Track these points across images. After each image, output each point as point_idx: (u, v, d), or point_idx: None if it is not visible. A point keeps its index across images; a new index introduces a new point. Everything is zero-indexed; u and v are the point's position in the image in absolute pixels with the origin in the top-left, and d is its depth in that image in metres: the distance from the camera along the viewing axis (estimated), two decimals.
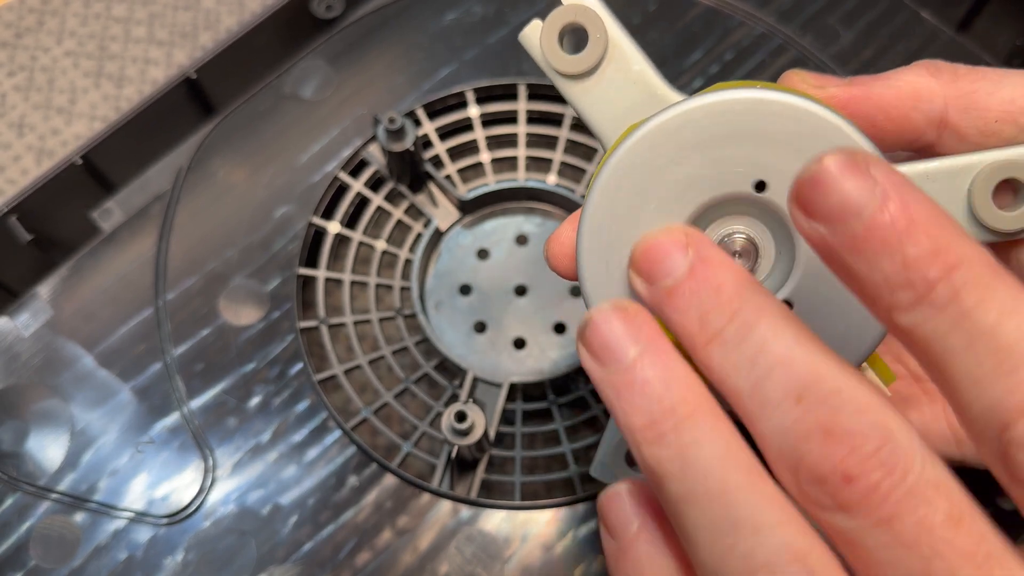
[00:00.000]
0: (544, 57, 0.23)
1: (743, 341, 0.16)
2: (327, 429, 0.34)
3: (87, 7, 0.49)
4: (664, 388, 0.17)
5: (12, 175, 0.45)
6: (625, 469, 0.27)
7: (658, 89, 0.23)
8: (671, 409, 0.17)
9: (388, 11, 0.42)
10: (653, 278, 0.18)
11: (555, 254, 0.24)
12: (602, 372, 0.17)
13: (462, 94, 0.40)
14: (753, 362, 0.16)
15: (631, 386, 0.17)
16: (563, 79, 0.23)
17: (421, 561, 0.32)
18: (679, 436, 0.16)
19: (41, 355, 0.35)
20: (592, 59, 0.23)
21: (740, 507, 0.16)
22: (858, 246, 0.15)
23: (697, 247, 0.18)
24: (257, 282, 0.37)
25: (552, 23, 0.23)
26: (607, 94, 0.23)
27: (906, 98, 0.22)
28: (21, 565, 0.32)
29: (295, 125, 0.39)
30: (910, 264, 0.14)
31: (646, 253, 0.18)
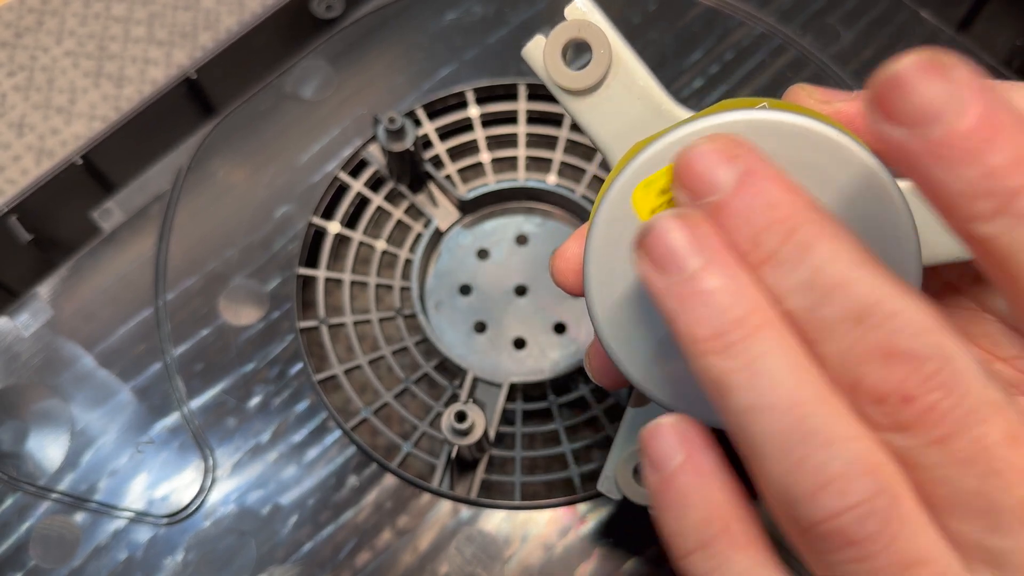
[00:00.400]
0: (547, 73, 0.23)
1: (800, 262, 0.16)
2: (327, 429, 0.34)
3: (87, 7, 0.49)
4: (732, 298, 0.16)
5: (12, 175, 0.45)
6: (633, 485, 0.27)
7: (663, 104, 0.23)
8: (739, 320, 0.16)
9: (388, 11, 0.42)
10: (698, 192, 0.17)
11: (561, 270, 0.24)
12: (664, 281, 0.17)
13: (462, 94, 0.40)
14: (811, 284, 0.16)
15: (696, 295, 0.16)
16: (567, 95, 0.23)
17: (421, 561, 0.32)
18: (748, 347, 0.16)
19: (41, 355, 0.35)
20: (596, 75, 0.23)
21: (812, 419, 0.16)
22: (938, 152, 0.14)
23: (746, 158, 0.17)
24: (257, 282, 0.37)
25: (555, 38, 0.22)
26: (611, 109, 0.23)
27: None
28: (21, 565, 0.32)
29: (295, 125, 0.39)
30: (992, 172, 0.14)
31: (689, 164, 0.17)
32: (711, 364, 0.16)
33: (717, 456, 0.18)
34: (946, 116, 0.14)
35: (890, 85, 0.15)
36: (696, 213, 0.17)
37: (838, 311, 0.16)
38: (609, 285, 0.21)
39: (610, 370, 0.24)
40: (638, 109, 0.23)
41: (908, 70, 0.14)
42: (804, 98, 0.23)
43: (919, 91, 0.14)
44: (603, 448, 0.35)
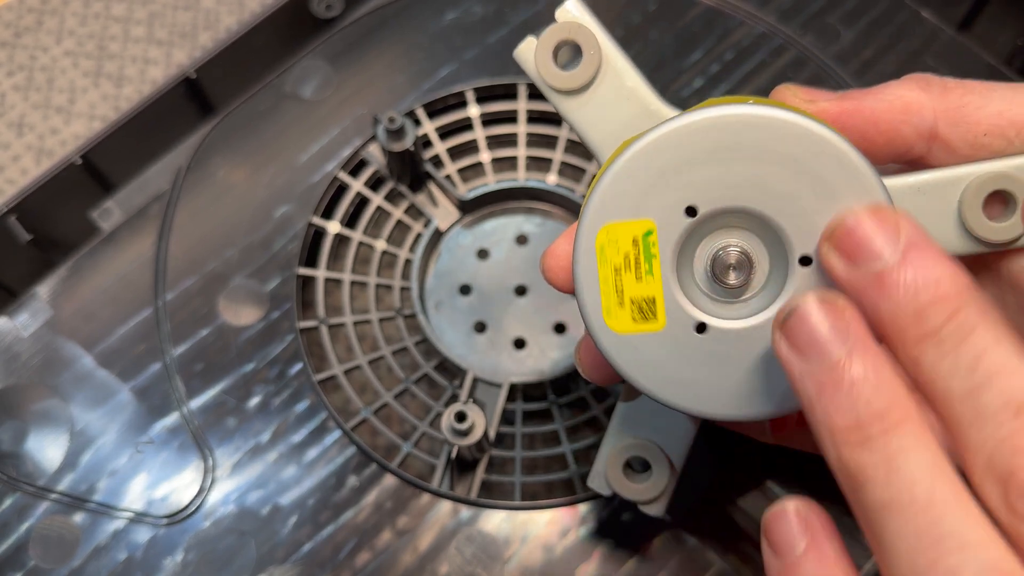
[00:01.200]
0: (538, 73, 0.23)
1: (962, 343, 0.16)
2: (327, 429, 0.34)
3: (86, 7, 0.49)
4: (874, 391, 0.16)
5: (11, 175, 0.45)
6: (623, 480, 0.27)
7: (651, 104, 0.23)
8: (880, 414, 0.16)
9: (388, 11, 0.42)
10: (858, 259, 0.17)
11: (551, 267, 0.24)
12: (805, 366, 0.17)
13: (462, 94, 0.40)
14: (972, 368, 0.16)
15: (838, 385, 0.16)
16: (557, 95, 0.23)
17: (421, 561, 0.32)
18: (887, 442, 0.16)
19: (41, 355, 0.35)
20: (586, 75, 0.23)
21: (947, 521, 0.15)
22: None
23: (909, 231, 0.17)
24: (257, 282, 0.37)
25: (546, 40, 0.23)
26: (601, 109, 0.23)
27: (897, 112, 0.22)
28: (21, 565, 0.32)
29: (295, 125, 0.39)
30: None
31: (852, 231, 0.17)
32: (847, 456, 0.16)
33: (839, 544, 0.18)
34: None
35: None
36: (842, 298, 0.17)
37: (998, 398, 0.15)
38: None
39: (600, 366, 0.24)
40: (628, 109, 0.23)
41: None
42: (789, 97, 0.23)
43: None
44: None
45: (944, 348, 0.16)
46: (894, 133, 0.22)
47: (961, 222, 0.22)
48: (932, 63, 0.40)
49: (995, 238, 0.22)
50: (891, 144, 0.23)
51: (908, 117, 0.22)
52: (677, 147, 0.20)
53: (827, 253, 0.18)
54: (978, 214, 0.22)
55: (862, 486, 0.16)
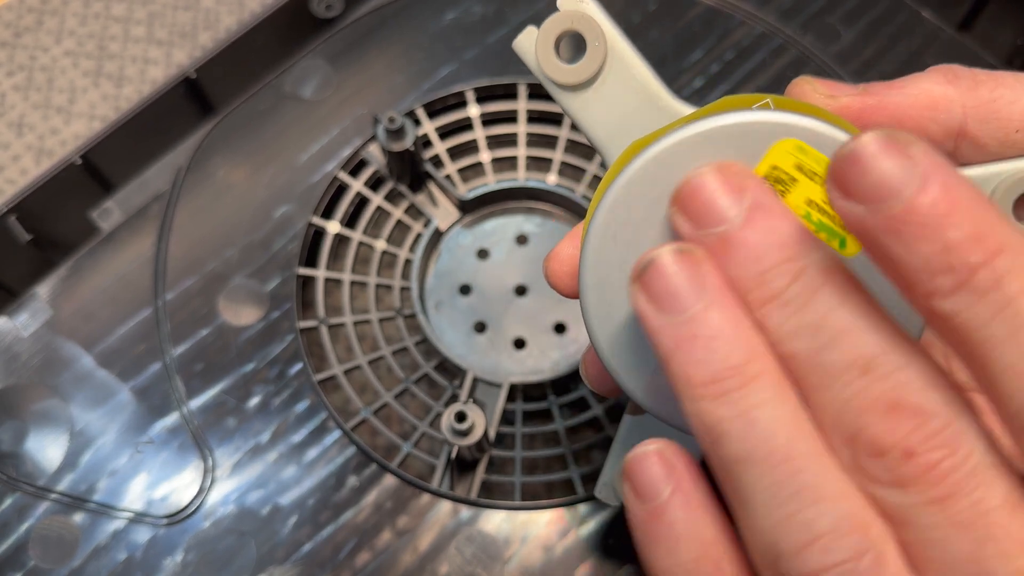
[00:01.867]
0: (539, 67, 0.22)
1: (806, 304, 0.16)
2: (327, 429, 0.34)
3: (86, 7, 0.49)
4: (730, 344, 0.16)
5: (11, 175, 0.45)
6: None
7: (661, 99, 0.22)
8: (737, 367, 0.16)
9: (388, 11, 0.42)
10: (702, 221, 0.16)
11: (555, 272, 0.23)
12: (661, 320, 0.16)
13: (462, 94, 0.40)
14: (817, 328, 0.15)
15: (694, 339, 0.16)
16: (560, 90, 0.22)
17: (421, 562, 0.32)
18: (745, 396, 0.16)
19: (40, 355, 0.35)
20: (591, 68, 0.21)
21: (804, 474, 0.15)
22: (897, 228, 0.14)
23: (755, 191, 0.16)
24: (257, 282, 0.37)
25: (548, 30, 0.21)
26: (607, 104, 0.22)
27: (923, 108, 0.21)
28: (20, 565, 0.32)
29: (295, 125, 0.39)
30: (951, 248, 0.14)
31: (695, 192, 0.17)
32: (704, 410, 0.16)
33: (707, 488, 0.18)
34: (904, 192, 0.14)
35: (848, 162, 0.14)
36: (699, 250, 0.17)
37: (844, 358, 0.15)
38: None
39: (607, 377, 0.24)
40: (635, 104, 0.22)
41: (865, 147, 0.14)
42: (809, 92, 0.22)
43: (876, 167, 0.14)
44: (603, 449, 0.35)
45: (788, 310, 0.16)
46: (920, 131, 0.21)
47: None
48: (932, 63, 0.40)
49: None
50: None
51: (935, 114, 0.21)
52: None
53: (674, 215, 0.17)
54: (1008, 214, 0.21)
55: (719, 440, 0.16)
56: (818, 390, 0.16)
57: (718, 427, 0.16)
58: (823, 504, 0.15)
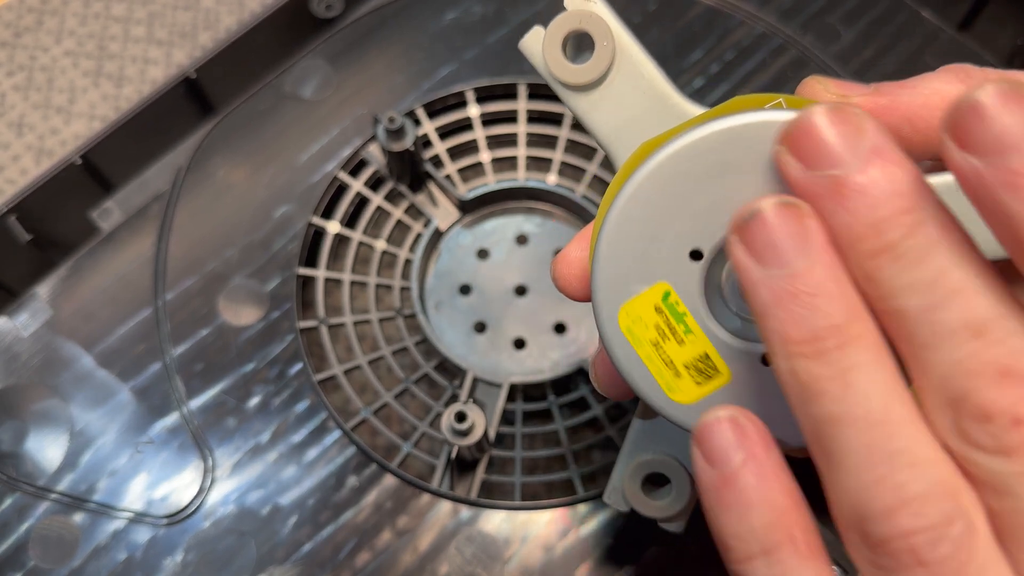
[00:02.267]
0: (547, 67, 0.21)
1: (922, 259, 0.15)
2: (327, 429, 0.34)
3: (86, 7, 0.49)
4: (832, 303, 0.15)
5: (11, 175, 0.45)
6: (641, 497, 0.26)
7: (670, 99, 0.22)
8: (838, 327, 0.15)
9: (388, 11, 0.42)
10: (815, 162, 0.16)
11: (563, 275, 0.23)
12: (760, 273, 0.16)
13: (462, 94, 0.40)
14: (932, 285, 0.15)
15: (795, 296, 0.16)
16: (567, 90, 0.22)
17: (421, 562, 0.32)
18: (843, 357, 0.15)
19: (40, 355, 0.35)
20: (599, 69, 0.21)
21: (899, 438, 0.15)
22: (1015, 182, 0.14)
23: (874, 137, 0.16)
24: (257, 282, 0.37)
25: (555, 30, 0.21)
26: (615, 105, 0.22)
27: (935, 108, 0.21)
28: (20, 565, 0.32)
29: (295, 125, 0.39)
30: None
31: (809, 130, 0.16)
32: (800, 367, 0.16)
33: (779, 456, 0.17)
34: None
35: (968, 113, 0.14)
36: (805, 204, 0.16)
37: (957, 318, 0.15)
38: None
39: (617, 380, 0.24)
40: (644, 105, 0.21)
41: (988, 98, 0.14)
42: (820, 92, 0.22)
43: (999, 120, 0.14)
44: (603, 449, 0.35)
45: (903, 263, 0.15)
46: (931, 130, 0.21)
47: None
48: (932, 63, 0.40)
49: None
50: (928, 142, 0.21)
51: None
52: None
53: (780, 152, 0.16)
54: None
55: (814, 399, 0.16)
56: (926, 349, 0.15)
57: (814, 385, 0.16)
58: (916, 468, 0.15)
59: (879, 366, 0.15)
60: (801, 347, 0.16)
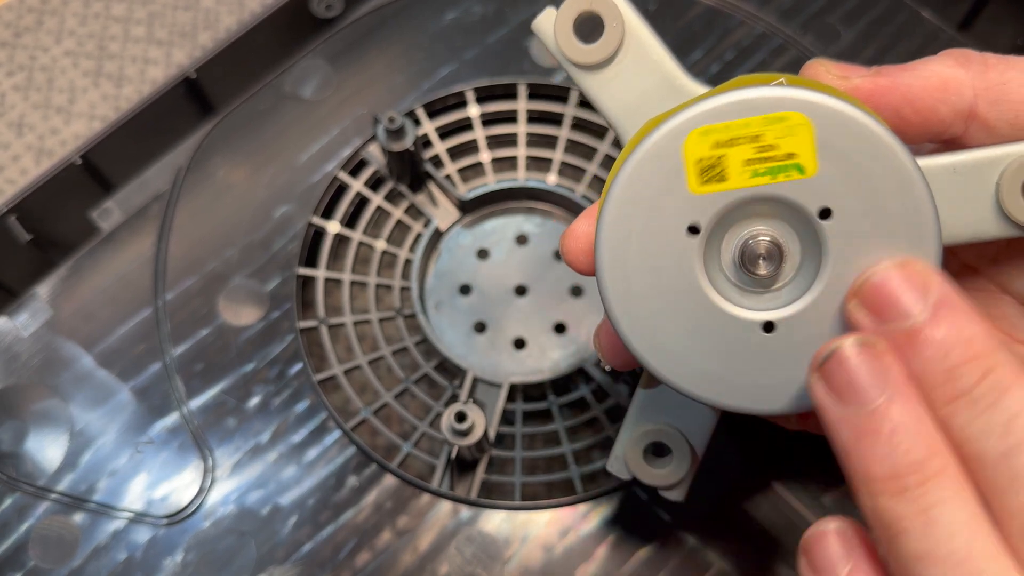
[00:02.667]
0: (558, 47, 0.22)
1: (995, 404, 0.15)
2: (327, 429, 0.34)
3: (86, 7, 0.49)
4: (913, 440, 0.16)
5: (11, 175, 0.45)
6: (643, 465, 0.26)
7: (677, 79, 0.22)
8: (919, 463, 0.16)
9: (387, 11, 0.42)
10: (886, 316, 0.17)
11: (570, 248, 0.23)
12: (841, 411, 0.16)
13: (462, 94, 0.40)
14: (1007, 430, 0.15)
15: (876, 433, 0.16)
16: (578, 70, 0.22)
17: (421, 562, 0.32)
18: (925, 494, 0.16)
19: (40, 355, 0.35)
20: (609, 48, 0.22)
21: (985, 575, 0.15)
22: None
23: (941, 289, 0.16)
24: (257, 282, 0.37)
25: (567, 11, 0.22)
26: (624, 84, 0.22)
27: (934, 90, 0.21)
28: (20, 565, 0.32)
29: (295, 125, 0.39)
30: None
31: (879, 287, 0.17)
32: (884, 506, 0.16)
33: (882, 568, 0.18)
34: None
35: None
36: (881, 342, 0.17)
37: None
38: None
39: (621, 350, 0.24)
40: (652, 84, 0.22)
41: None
42: (823, 73, 0.22)
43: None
44: (604, 448, 0.35)
45: (977, 408, 0.16)
46: (930, 112, 0.22)
47: (999, 205, 0.21)
48: None
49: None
50: (927, 123, 0.22)
51: (946, 95, 0.21)
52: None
53: (854, 309, 0.17)
54: (1017, 197, 0.21)
55: (898, 536, 0.16)
56: (1006, 493, 0.15)
57: (898, 524, 0.16)
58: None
59: (961, 501, 0.16)
60: (883, 484, 0.16)
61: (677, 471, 0.26)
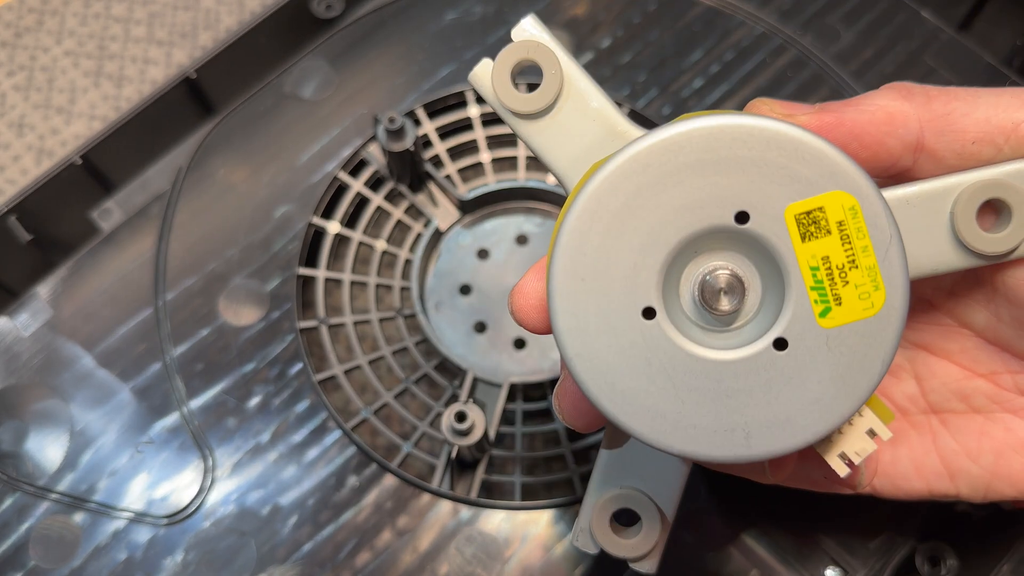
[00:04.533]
0: (496, 96, 0.22)
1: None
2: (327, 429, 0.34)
3: (87, 7, 0.49)
4: None
5: (12, 175, 0.45)
6: (611, 536, 0.25)
7: (618, 125, 0.22)
8: None
9: (388, 11, 0.42)
10: None
11: (520, 307, 0.22)
12: None
13: (462, 94, 0.40)
14: None
15: None
16: (517, 119, 0.22)
17: (421, 561, 0.32)
18: None
19: (41, 355, 0.35)
20: (547, 97, 0.21)
21: None
22: None
23: None
24: (257, 282, 0.37)
25: (503, 61, 0.21)
26: (565, 132, 0.22)
27: (880, 123, 0.22)
28: (21, 565, 0.32)
29: (295, 125, 0.39)
30: None
31: None
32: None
33: None
34: None
35: None
36: None
37: None
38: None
39: (583, 411, 0.23)
40: (593, 131, 0.22)
41: None
42: (765, 111, 0.22)
43: None
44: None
45: None
46: (879, 146, 0.22)
47: (955, 234, 0.21)
48: (932, 63, 0.40)
49: (991, 250, 0.21)
50: (876, 158, 0.22)
51: (892, 128, 0.22)
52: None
53: None
54: (972, 225, 0.21)
55: None
56: None
57: None
58: None
59: None
60: None
61: (647, 540, 0.24)
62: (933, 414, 0.26)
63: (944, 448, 0.25)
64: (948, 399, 0.25)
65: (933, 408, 0.26)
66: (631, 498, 0.24)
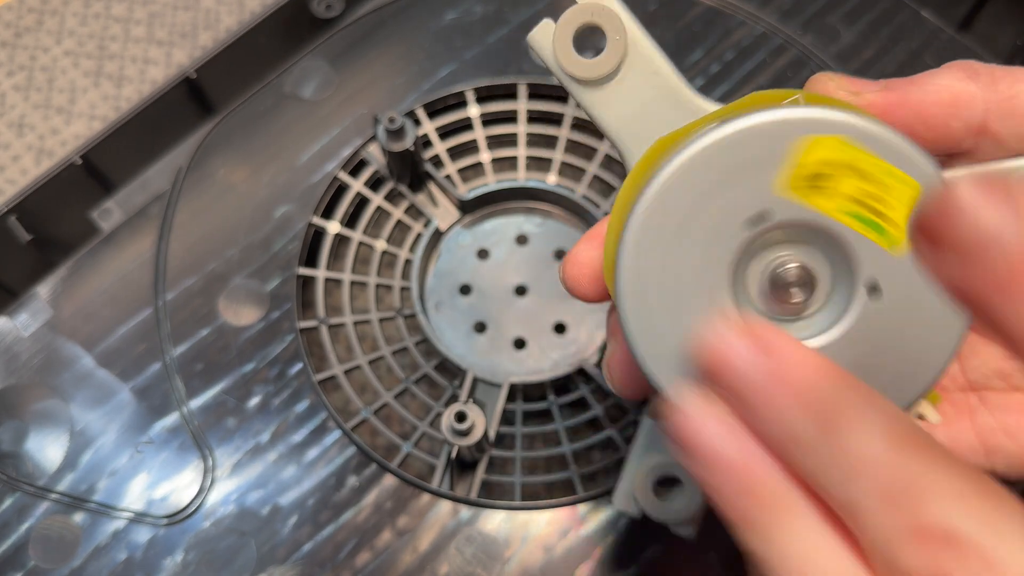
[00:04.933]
0: (557, 62, 0.21)
1: (825, 444, 0.16)
2: (327, 429, 0.34)
3: (86, 7, 0.49)
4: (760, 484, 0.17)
5: (12, 175, 0.45)
6: (653, 500, 0.25)
7: (683, 94, 0.21)
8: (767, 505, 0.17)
9: (388, 11, 0.42)
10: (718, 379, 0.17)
11: (574, 276, 0.22)
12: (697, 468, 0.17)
13: (462, 94, 0.40)
14: (840, 466, 0.16)
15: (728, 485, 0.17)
16: (578, 85, 0.21)
17: (421, 561, 0.32)
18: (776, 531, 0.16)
19: (41, 355, 0.35)
20: (611, 63, 0.21)
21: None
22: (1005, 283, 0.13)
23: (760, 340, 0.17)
24: (257, 282, 0.37)
25: (566, 24, 0.21)
26: (627, 100, 0.21)
27: (945, 104, 0.21)
28: (21, 565, 0.32)
29: (295, 125, 0.39)
30: None
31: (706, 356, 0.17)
32: (747, 542, 0.17)
33: None
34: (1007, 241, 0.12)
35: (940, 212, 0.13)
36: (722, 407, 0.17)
37: (869, 492, 0.15)
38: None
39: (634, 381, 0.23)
40: (656, 100, 0.21)
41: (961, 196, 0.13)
42: (833, 89, 0.21)
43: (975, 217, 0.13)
44: (603, 449, 0.35)
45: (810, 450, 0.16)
46: (943, 128, 0.21)
47: None
48: (932, 63, 0.40)
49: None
50: (938, 139, 0.21)
51: (957, 110, 0.21)
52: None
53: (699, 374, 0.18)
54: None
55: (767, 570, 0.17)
56: (853, 519, 0.16)
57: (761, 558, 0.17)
58: None
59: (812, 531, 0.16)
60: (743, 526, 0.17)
61: (689, 506, 0.24)
62: (972, 391, 0.26)
63: (982, 425, 0.25)
64: (989, 377, 0.25)
65: (972, 386, 0.26)
66: (675, 465, 0.25)
